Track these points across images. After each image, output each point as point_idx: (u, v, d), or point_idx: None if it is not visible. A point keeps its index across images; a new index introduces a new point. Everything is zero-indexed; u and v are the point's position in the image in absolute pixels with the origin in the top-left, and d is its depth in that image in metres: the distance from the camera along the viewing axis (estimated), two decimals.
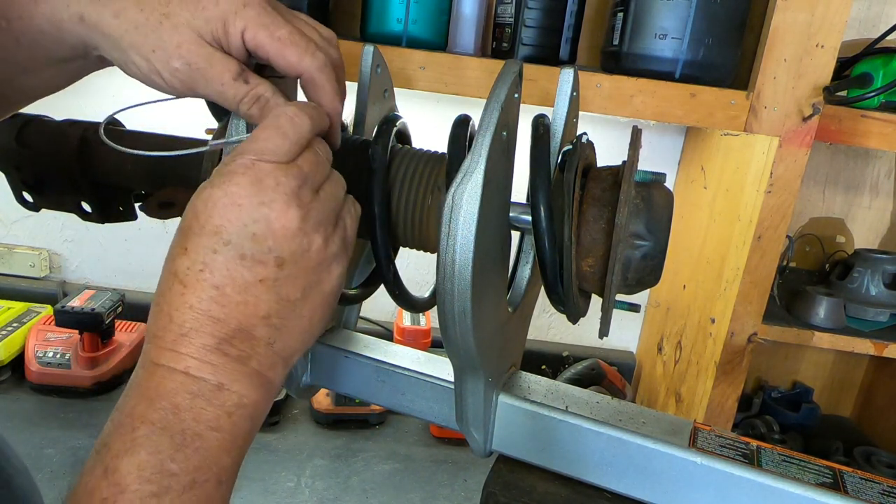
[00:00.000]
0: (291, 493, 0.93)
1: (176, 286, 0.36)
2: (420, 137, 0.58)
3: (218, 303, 0.36)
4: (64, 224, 1.29)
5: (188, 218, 0.37)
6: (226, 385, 0.36)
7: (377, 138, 0.50)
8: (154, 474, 0.33)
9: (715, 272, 0.99)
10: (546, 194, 0.46)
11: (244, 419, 0.37)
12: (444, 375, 0.56)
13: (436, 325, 0.45)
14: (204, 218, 0.36)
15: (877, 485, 0.49)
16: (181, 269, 0.36)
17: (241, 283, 0.36)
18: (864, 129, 0.89)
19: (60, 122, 0.60)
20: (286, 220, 0.36)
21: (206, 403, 0.35)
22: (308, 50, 0.42)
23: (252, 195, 0.36)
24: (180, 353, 0.35)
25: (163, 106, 0.74)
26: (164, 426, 0.34)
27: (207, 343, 0.35)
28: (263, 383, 0.38)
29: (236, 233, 0.36)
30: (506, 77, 0.43)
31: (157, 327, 0.36)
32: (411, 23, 0.89)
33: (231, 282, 0.36)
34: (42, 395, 1.08)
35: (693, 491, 0.49)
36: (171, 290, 0.36)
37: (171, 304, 0.36)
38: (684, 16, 0.83)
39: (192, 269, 0.36)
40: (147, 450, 0.33)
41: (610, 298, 0.46)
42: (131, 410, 0.34)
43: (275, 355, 0.38)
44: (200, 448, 0.34)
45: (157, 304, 0.36)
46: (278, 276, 0.37)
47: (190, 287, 0.35)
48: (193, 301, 0.35)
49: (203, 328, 0.35)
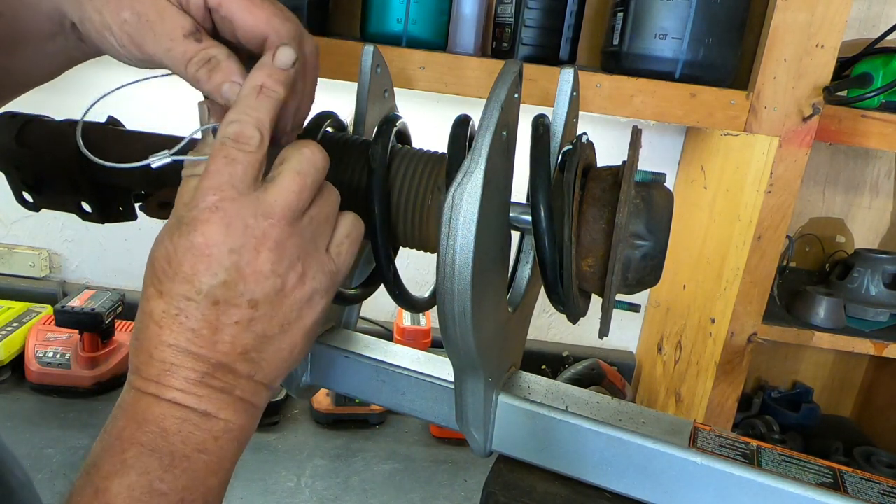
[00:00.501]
0: (291, 493, 0.93)
1: (152, 327, 0.35)
2: (420, 137, 0.58)
3: (195, 343, 0.36)
4: (64, 224, 1.29)
5: (160, 259, 0.36)
6: (212, 413, 0.36)
7: (377, 138, 0.50)
8: (144, 494, 0.33)
9: (715, 272, 0.99)
10: (546, 194, 0.46)
11: (231, 442, 0.37)
12: (444, 375, 0.56)
13: (436, 325, 0.45)
14: (175, 264, 0.35)
15: (877, 485, 0.49)
16: (157, 313, 0.35)
17: (217, 326, 0.36)
18: (864, 129, 0.89)
19: (60, 122, 0.60)
20: (257, 264, 0.36)
21: (193, 428, 0.35)
22: (279, 14, 0.39)
23: (220, 243, 0.35)
24: (165, 386, 0.35)
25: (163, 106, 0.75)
26: (153, 448, 0.34)
27: (190, 377, 0.36)
28: (248, 408, 0.38)
29: (207, 282, 0.35)
30: (506, 77, 0.43)
31: (139, 361, 0.36)
32: (411, 23, 0.89)
33: (207, 325, 0.35)
34: (42, 395, 1.08)
35: (693, 491, 0.49)
36: (148, 330, 0.36)
37: (150, 341, 0.35)
38: (684, 16, 0.83)
39: (167, 312, 0.35)
40: (137, 471, 0.33)
41: (610, 298, 0.46)
42: (120, 433, 0.35)
43: (258, 385, 0.38)
44: (188, 469, 0.35)
45: (137, 339, 0.36)
46: (253, 316, 0.36)
47: (166, 328, 0.35)
48: (171, 340, 0.35)
49: (184, 364, 0.35)
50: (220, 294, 0.35)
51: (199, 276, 0.35)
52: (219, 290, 0.35)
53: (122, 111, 0.66)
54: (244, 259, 0.35)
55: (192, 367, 0.35)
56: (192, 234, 0.35)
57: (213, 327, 0.36)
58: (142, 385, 0.35)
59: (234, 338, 0.36)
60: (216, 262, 0.35)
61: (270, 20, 0.39)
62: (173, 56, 0.38)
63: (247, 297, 0.36)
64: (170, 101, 1.18)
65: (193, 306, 0.35)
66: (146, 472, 0.33)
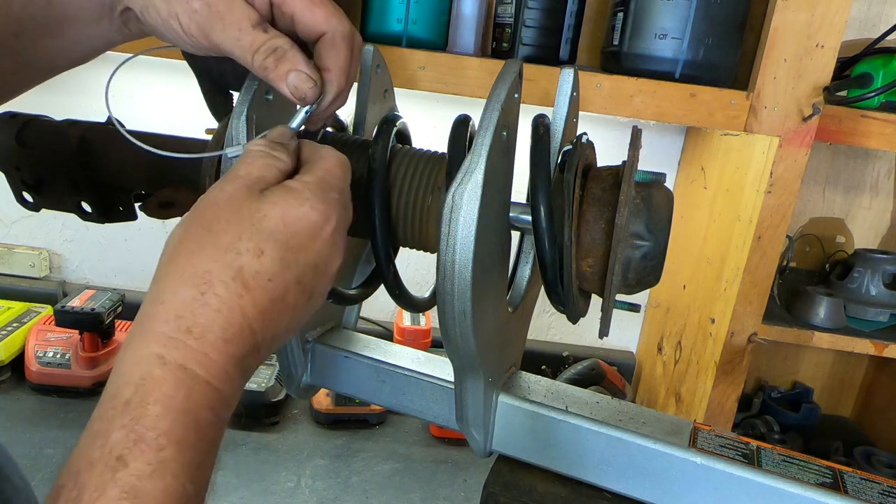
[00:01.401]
0: (291, 493, 0.93)
1: (236, 285, 0.34)
2: (420, 137, 0.58)
3: (263, 316, 0.35)
4: (64, 224, 1.29)
5: (273, 219, 0.35)
6: (231, 402, 0.34)
7: (377, 138, 0.50)
8: (176, 499, 0.30)
9: (715, 272, 0.99)
10: (546, 194, 0.46)
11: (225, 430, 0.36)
12: (444, 375, 0.56)
13: (436, 325, 0.45)
14: (292, 232, 0.36)
15: (877, 485, 0.49)
16: (249, 271, 0.34)
17: (285, 304, 0.36)
18: (864, 129, 0.89)
19: (60, 122, 0.60)
20: (335, 264, 0.39)
21: (218, 421, 0.33)
22: (337, 14, 0.41)
23: (332, 233, 0.38)
24: (213, 361, 0.33)
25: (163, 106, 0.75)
26: (187, 445, 0.31)
27: (237, 354, 0.34)
28: None
29: (309, 260, 0.36)
30: (506, 77, 0.43)
31: (197, 322, 0.33)
32: (411, 23, 0.89)
33: (281, 300, 0.35)
34: (42, 395, 1.08)
35: (693, 491, 0.49)
36: (228, 288, 0.33)
37: (223, 302, 0.33)
38: (684, 16, 0.83)
39: (260, 274, 0.34)
40: (172, 473, 0.30)
41: (610, 298, 0.46)
42: (155, 423, 0.30)
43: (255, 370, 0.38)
44: (208, 468, 0.33)
45: (203, 295, 0.33)
46: (303, 307, 0.37)
47: (250, 292, 0.34)
48: (248, 307, 0.34)
49: (242, 339, 0.34)
50: (305, 276, 0.36)
51: (308, 251, 0.36)
52: (309, 272, 0.36)
53: (122, 111, 0.66)
54: (334, 255, 0.38)
55: (243, 344, 0.34)
56: (325, 214, 0.37)
57: (283, 304, 0.36)
58: (185, 356, 0.32)
59: (282, 319, 0.36)
60: (322, 247, 0.37)
61: (329, 19, 0.41)
62: (241, 45, 0.39)
63: (312, 288, 0.37)
64: (169, 100, 1.18)
65: (286, 276, 0.35)
66: (180, 475, 0.31)
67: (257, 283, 0.34)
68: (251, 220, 0.35)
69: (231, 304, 0.33)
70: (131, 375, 0.32)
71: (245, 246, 0.34)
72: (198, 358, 0.32)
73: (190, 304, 0.33)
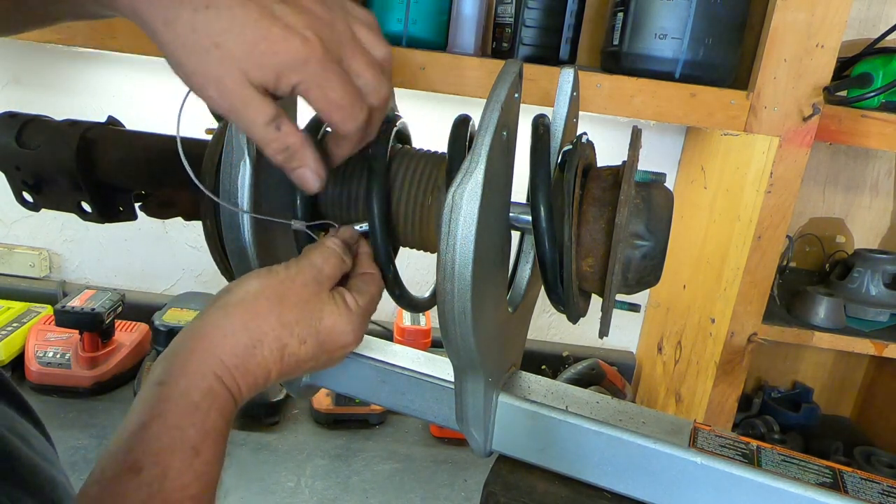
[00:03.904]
0: (291, 493, 0.93)
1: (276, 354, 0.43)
2: (420, 137, 0.58)
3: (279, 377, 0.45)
4: (64, 224, 1.29)
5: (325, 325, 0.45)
6: None
7: (377, 138, 0.50)
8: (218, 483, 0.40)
9: (715, 272, 0.99)
10: (546, 194, 0.46)
11: None
12: (444, 375, 0.56)
13: (436, 325, 0.46)
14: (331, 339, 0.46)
15: (877, 485, 0.49)
16: (289, 350, 0.44)
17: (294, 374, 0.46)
18: (864, 129, 0.89)
19: (60, 122, 0.60)
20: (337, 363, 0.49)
21: None
22: (353, 114, 0.42)
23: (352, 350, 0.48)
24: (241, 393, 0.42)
25: (163, 106, 0.75)
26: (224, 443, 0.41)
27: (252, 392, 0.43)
28: None
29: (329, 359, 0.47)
30: (506, 77, 0.43)
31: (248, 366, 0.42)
32: (411, 23, 0.89)
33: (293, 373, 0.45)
34: (42, 395, 1.08)
35: (693, 491, 0.49)
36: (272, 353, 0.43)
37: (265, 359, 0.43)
38: (684, 16, 0.83)
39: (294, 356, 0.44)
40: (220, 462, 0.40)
41: (610, 298, 0.46)
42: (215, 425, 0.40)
43: None
44: None
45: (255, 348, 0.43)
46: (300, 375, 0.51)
47: (282, 363, 0.44)
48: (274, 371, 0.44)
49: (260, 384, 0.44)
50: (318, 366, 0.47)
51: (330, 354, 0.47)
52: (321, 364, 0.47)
53: (122, 111, 0.66)
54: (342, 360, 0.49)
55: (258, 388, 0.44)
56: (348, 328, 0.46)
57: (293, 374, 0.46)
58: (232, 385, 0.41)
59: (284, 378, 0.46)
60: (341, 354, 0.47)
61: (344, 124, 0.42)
62: (254, 135, 0.41)
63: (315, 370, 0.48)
64: (169, 101, 1.18)
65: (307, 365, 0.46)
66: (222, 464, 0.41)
67: (289, 360, 0.44)
68: (311, 316, 0.45)
69: (267, 364, 0.43)
70: (199, 384, 0.40)
71: (297, 331, 0.44)
72: (236, 388, 0.42)
73: (244, 350, 0.42)
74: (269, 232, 0.50)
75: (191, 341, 0.42)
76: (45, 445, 0.46)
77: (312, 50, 0.38)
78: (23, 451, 0.39)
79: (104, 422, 1.03)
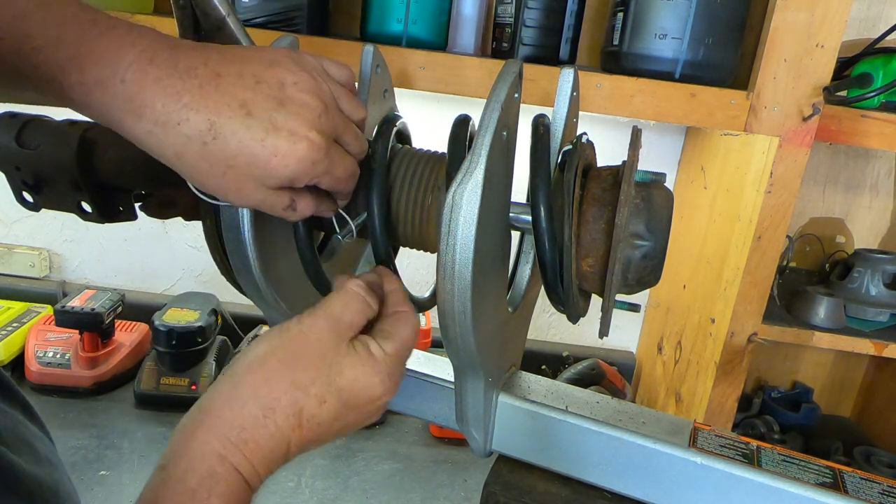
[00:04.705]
0: (291, 493, 0.93)
1: (292, 420, 0.40)
2: (420, 137, 0.58)
3: (301, 447, 0.41)
4: (64, 224, 1.29)
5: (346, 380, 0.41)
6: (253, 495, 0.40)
7: (377, 138, 0.50)
8: None
9: (715, 272, 0.99)
10: (546, 194, 0.46)
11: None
12: (444, 375, 0.56)
13: (436, 325, 0.45)
14: (355, 394, 0.42)
15: (877, 485, 0.49)
16: (307, 413, 0.40)
17: (321, 441, 0.42)
18: (864, 129, 0.89)
19: (60, 122, 0.60)
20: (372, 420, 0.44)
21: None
22: (354, 177, 0.44)
23: (386, 402, 0.44)
24: (257, 472, 0.39)
25: None
26: None
27: (272, 468, 0.40)
28: None
29: (358, 418, 0.43)
30: (506, 77, 0.43)
31: (254, 439, 0.39)
32: (411, 23, 0.89)
33: (319, 440, 0.42)
34: (42, 395, 1.08)
35: (693, 491, 0.49)
36: (287, 420, 0.40)
37: (278, 429, 0.40)
38: (684, 16, 0.83)
39: (314, 418, 0.41)
40: None
41: (610, 298, 0.46)
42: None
43: None
44: None
45: (266, 418, 0.39)
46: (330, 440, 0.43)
47: (301, 429, 0.40)
48: (294, 440, 0.40)
49: (279, 458, 0.40)
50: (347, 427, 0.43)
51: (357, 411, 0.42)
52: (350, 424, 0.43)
53: None
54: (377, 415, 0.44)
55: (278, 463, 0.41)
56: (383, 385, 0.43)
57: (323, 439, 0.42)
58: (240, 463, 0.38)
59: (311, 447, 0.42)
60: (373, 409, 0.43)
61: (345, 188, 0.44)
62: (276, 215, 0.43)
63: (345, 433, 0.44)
64: None
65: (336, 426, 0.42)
66: None
67: (310, 424, 0.41)
68: (328, 372, 0.41)
69: (283, 434, 0.40)
70: (199, 467, 0.37)
71: (314, 391, 0.40)
72: (246, 466, 0.39)
73: (253, 421, 0.39)
74: (270, 232, 0.50)
75: (197, 417, 0.39)
76: (50, 447, 0.46)
77: (318, 150, 0.40)
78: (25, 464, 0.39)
79: (104, 422, 1.03)
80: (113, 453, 0.96)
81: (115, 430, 1.01)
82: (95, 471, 0.92)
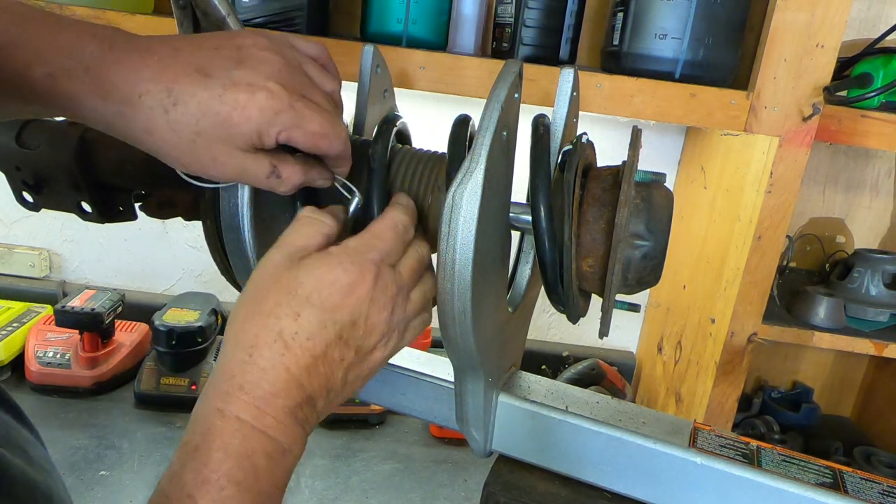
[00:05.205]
0: (291, 493, 0.93)
1: (277, 346, 0.38)
2: (420, 137, 0.58)
3: (308, 372, 0.39)
4: (64, 224, 1.29)
5: (308, 286, 0.40)
6: (289, 449, 0.38)
7: (377, 138, 0.50)
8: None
9: (715, 272, 0.99)
10: (546, 194, 0.46)
11: (290, 474, 0.40)
12: (444, 375, 0.56)
13: (436, 325, 0.45)
14: (325, 294, 0.40)
15: (877, 485, 0.49)
16: (288, 333, 0.39)
17: (330, 360, 0.40)
18: (864, 129, 0.89)
19: (60, 122, 0.60)
20: (379, 319, 0.42)
21: (275, 465, 0.38)
22: (336, 134, 0.43)
23: (368, 291, 0.41)
24: (264, 412, 0.38)
25: None
26: (246, 487, 0.36)
27: (288, 405, 0.38)
28: (305, 442, 0.41)
29: (345, 317, 0.40)
30: (506, 77, 0.43)
31: (247, 380, 0.38)
32: (411, 23, 0.89)
33: (324, 356, 0.40)
34: (42, 395, 1.08)
35: (693, 491, 0.49)
36: (272, 349, 0.38)
37: (268, 361, 0.38)
38: (684, 16, 0.83)
39: (299, 335, 0.39)
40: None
41: (610, 298, 0.46)
42: (218, 466, 0.36)
43: (318, 418, 0.42)
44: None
45: (251, 356, 0.38)
46: (353, 361, 0.41)
47: (291, 351, 0.38)
48: (290, 365, 0.38)
49: (289, 392, 0.38)
50: (346, 332, 0.40)
51: (342, 310, 0.40)
52: (348, 328, 0.40)
53: None
54: (374, 310, 0.41)
55: (293, 397, 0.38)
56: (354, 275, 0.40)
57: (326, 360, 0.40)
58: (239, 408, 0.37)
59: (334, 375, 0.40)
60: (358, 304, 0.40)
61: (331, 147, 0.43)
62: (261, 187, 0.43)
63: (358, 343, 0.41)
64: None
65: (325, 335, 0.39)
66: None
67: (297, 342, 0.39)
68: (288, 288, 0.40)
69: (275, 362, 0.38)
70: (199, 426, 0.37)
71: (284, 311, 0.39)
72: (250, 410, 0.37)
73: (241, 365, 0.38)
74: (271, 231, 0.50)
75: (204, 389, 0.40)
76: (43, 452, 0.46)
77: (279, 99, 0.40)
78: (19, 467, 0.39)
79: (104, 422, 1.03)
80: (113, 453, 0.96)
81: (115, 430, 1.01)
82: (95, 471, 0.92)
